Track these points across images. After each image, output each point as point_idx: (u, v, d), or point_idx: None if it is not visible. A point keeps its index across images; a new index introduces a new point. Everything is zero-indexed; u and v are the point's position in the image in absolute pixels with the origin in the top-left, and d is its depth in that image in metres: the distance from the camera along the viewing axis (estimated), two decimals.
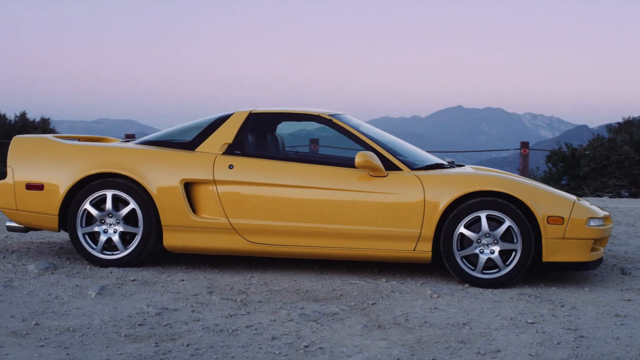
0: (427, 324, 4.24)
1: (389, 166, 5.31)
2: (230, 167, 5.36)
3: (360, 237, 5.22)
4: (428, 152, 6.52)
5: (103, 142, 6.35)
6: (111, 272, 5.27)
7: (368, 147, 5.40)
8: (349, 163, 5.38)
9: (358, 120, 5.90)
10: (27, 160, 5.58)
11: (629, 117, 14.41)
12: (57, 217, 5.48)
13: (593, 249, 5.22)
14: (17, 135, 5.82)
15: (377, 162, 5.20)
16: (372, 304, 4.64)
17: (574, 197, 5.34)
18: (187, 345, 3.77)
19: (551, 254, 5.09)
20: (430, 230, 5.14)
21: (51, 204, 5.47)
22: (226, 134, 5.53)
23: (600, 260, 5.29)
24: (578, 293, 5.05)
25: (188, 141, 5.60)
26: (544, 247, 5.07)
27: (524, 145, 12.80)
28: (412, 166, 5.39)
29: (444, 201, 5.12)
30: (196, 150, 5.51)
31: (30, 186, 5.51)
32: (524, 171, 12.60)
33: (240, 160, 5.40)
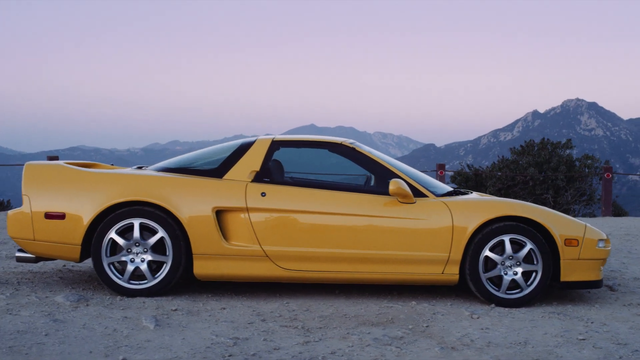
0: (492, 344, 4.48)
1: (416, 193, 5.54)
2: (263, 194, 5.41)
3: (392, 262, 5.41)
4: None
5: (96, 167, 6.22)
6: (144, 302, 5.19)
7: (393, 175, 5.60)
8: (376, 190, 5.57)
9: (369, 147, 6.09)
10: (46, 189, 5.40)
11: (525, 142, 15.46)
12: (80, 246, 5.34)
13: None
14: (29, 162, 5.60)
15: (408, 189, 5.41)
16: (427, 326, 4.84)
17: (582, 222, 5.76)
18: None
19: (568, 274, 5.48)
20: (458, 253, 5.40)
21: (74, 233, 5.32)
22: (252, 161, 5.58)
23: (602, 279, 5.73)
24: (593, 310, 5.45)
25: (214, 169, 5.60)
26: (562, 267, 5.45)
27: (440, 167, 13.37)
28: (435, 193, 5.64)
29: (471, 226, 5.40)
30: (224, 177, 5.51)
31: (50, 215, 5.34)
32: None
33: (272, 187, 5.46)
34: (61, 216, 5.33)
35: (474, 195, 5.97)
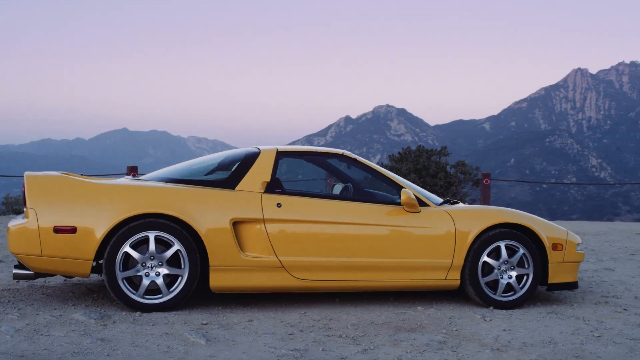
0: (527, 344, 4.79)
1: (419, 203, 5.77)
2: (279, 205, 5.43)
3: (401, 269, 5.61)
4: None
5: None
6: (166, 317, 5.06)
7: (396, 185, 5.80)
8: (382, 200, 5.76)
9: (364, 159, 6.25)
10: (54, 201, 5.11)
11: (403, 149, 16.14)
12: (92, 261, 5.11)
13: None
14: (29, 173, 5.27)
15: (415, 199, 5.63)
16: (456, 330, 5.08)
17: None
18: None
19: (554, 276, 5.92)
20: (460, 259, 5.69)
21: (86, 248, 5.08)
22: (262, 172, 5.56)
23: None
24: (577, 309, 5.91)
25: (224, 179, 5.54)
26: (550, 270, 5.88)
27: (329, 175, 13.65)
28: (434, 202, 5.89)
29: (472, 233, 5.71)
30: (236, 188, 5.47)
31: (59, 230, 5.06)
32: None
33: (286, 198, 5.48)
34: (72, 230, 5.07)
35: (462, 204, 6.28)
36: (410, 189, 5.78)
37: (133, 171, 12.72)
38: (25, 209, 5.16)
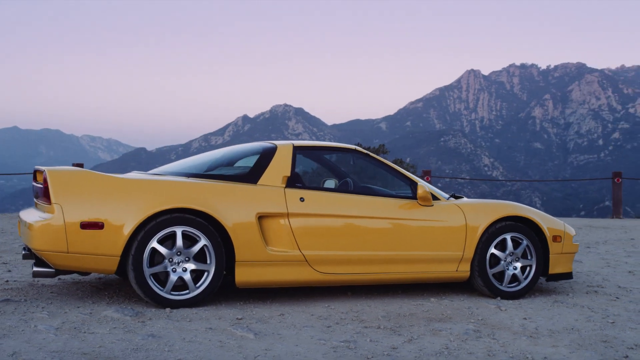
0: (554, 332, 4.99)
1: (432, 197, 5.92)
2: (302, 199, 5.46)
3: (417, 261, 5.74)
4: None
5: None
6: (197, 313, 5.01)
7: (407, 179, 5.93)
8: (386, 194, 5.88)
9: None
10: (80, 197, 4.97)
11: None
12: (120, 257, 5.01)
13: None
14: (51, 169, 5.09)
15: (429, 193, 5.78)
16: (482, 319, 5.24)
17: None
18: None
19: (554, 267, 6.18)
20: (470, 252, 5.87)
21: (113, 243, 4.97)
22: (282, 167, 5.58)
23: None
24: (576, 298, 6.19)
25: (245, 174, 5.52)
26: (550, 261, 6.14)
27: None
28: (444, 196, 6.05)
29: (481, 226, 5.89)
30: (258, 183, 5.47)
31: (86, 225, 4.94)
32: None
33: (309, 193, 5.52)
34: (99, 225, 4.96)
35: (466, 198, 6.46)
36: (423, 184, 5.92)
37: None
38: (48, 205, 4.99)
